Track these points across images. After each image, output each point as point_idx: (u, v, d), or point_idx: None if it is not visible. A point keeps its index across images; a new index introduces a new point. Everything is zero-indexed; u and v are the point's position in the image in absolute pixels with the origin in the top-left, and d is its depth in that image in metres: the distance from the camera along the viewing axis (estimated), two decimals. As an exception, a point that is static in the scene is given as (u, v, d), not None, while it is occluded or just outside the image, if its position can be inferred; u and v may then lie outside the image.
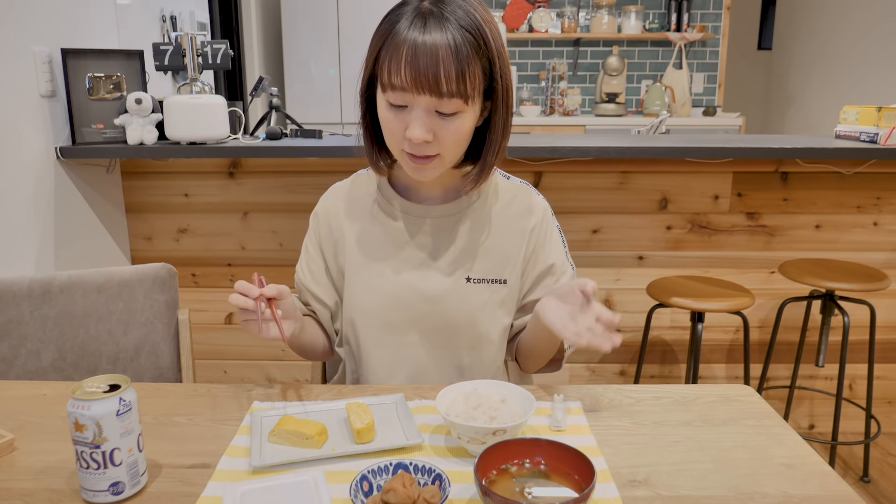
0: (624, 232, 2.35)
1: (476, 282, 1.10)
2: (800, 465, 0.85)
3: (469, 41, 0.92)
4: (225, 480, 0.82)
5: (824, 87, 4.63)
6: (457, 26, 0.91)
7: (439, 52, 0.90)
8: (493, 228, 1.11)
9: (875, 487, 2.18)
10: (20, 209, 1.92)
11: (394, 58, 0.92)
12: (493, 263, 1.11)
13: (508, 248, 1.12)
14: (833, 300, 2.14)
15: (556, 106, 4.66)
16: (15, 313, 1.31)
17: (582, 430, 0.93)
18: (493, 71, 0.96)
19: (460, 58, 0.91)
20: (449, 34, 0.91)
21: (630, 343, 2.46)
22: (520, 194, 1.15)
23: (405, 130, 0.95)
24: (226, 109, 2.16)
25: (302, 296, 1.20)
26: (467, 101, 0.94)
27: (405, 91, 0.92)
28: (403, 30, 0.91)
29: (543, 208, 1.15)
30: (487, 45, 0.94)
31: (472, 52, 0.92)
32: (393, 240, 1.11)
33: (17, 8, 1.90)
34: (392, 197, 1.12)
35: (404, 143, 0.97)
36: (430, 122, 0.94)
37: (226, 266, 2.42)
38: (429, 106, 0.93)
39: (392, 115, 0.96)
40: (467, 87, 0.92)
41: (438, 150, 0.97)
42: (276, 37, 4.56)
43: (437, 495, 0.72)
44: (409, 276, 1.10)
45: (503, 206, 1.13)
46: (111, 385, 0.78)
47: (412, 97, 0.93)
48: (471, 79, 0.92)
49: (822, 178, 2.30)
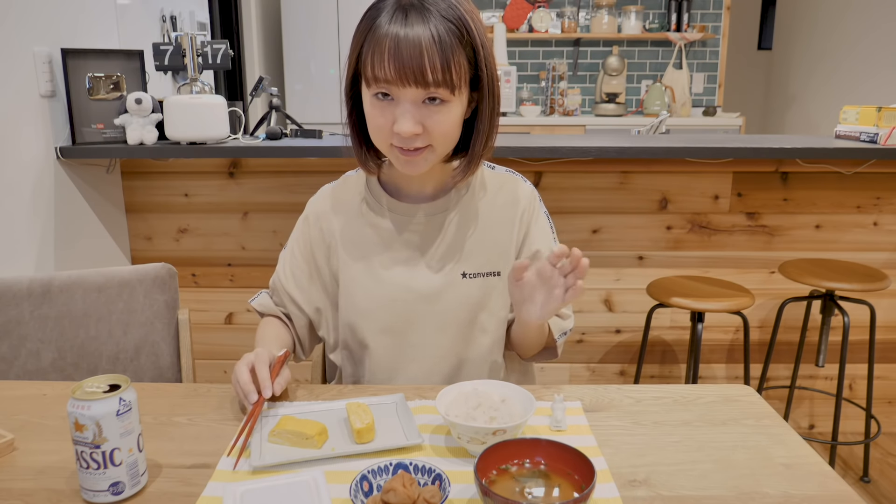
0: (624, 232, 2.35)
1: (471, 276, 1.10)
2: (800, 465, 0.85)
3: (452, 31, 0.92)
4: (225, 480, 0.82)
5: (824, 87, 4.63)
6: (439, 17, 0.91)
7: (422, 44, 0.90)
8: (483, 221, 1.12)
9: (875, 487, 2.18)
10: (20, 209, 1.92)
11: (376, 52, 0.92)
12: (487, 257, 1.11)
13: (500, 240, 1.12)
14: (833, 300, 2.14)
15: (556, 106, 4.66)
16: (15, 313, 1.31)
17: (582, 430, 0.93)
18: (477, 60, 0.97)
19: (444, 48, 0.91)
20: (431, 25, 0.91)
21: (630, 343, 2.46)
22: (506, 184, 1.15)
23: (392, 125, 0.95)
24: (226, 109, 2.16)
25: (277, 296, 1.18)
26: (454, 91, 0.94)
27: (390, 84, 0.92)
28: (385, 24, 0.92)
29: (530, 193, 1.15)
30: (471, 34, 0.94)
31: (455, 42, 0.92)
32: (384, 240, 1.11)
33: (17, 8, 1.90)
34: (381, 196, 1.12)
35: (392, 138, 0.97)
36: (417, 114, 0.94)
37: (226, 266, 2.42)
38: (415, 98, 0.93)
39: (378, 111, 0.96)
40: (453, 76, 0.92)
41: (428, 142, 0.97)
42: (276, 37, 4.56)
43: (437, 495, 0.72)
44: (405, 276, 1.10)
45: (491, 198, 1.13)
46: (111, 385, 0.78)
47: (398, 90, 0.93)
48: (456, 69, 0.93)
49: (822, 178, 2.30)
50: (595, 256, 2.36)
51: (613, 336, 2.45)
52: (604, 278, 2.39)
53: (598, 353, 2.47)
